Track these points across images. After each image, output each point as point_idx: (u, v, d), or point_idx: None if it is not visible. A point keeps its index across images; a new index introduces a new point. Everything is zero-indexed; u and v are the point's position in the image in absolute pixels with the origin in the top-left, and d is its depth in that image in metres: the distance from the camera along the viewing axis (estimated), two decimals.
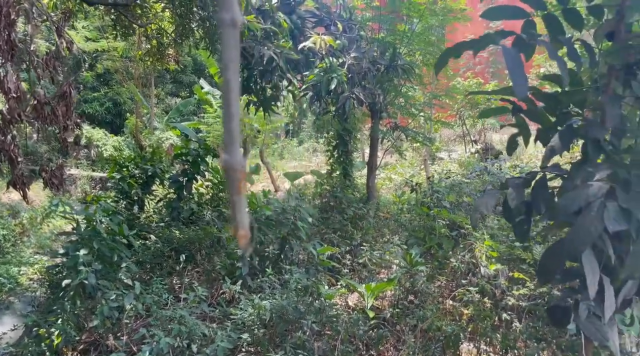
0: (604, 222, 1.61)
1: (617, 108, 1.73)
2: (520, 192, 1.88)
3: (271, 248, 4.73)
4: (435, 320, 3.17)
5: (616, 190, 1.67)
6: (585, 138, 1.81)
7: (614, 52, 1.82)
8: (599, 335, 1.86)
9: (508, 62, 1.52)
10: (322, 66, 4.84)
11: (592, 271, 1.68)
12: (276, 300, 3.60)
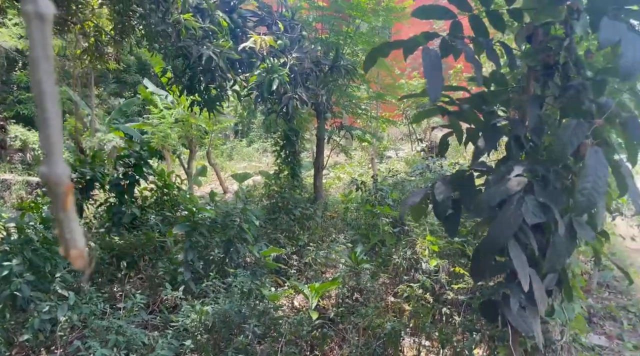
0: (522, 215, 1.68)
1: (536, 108, 1.81)
2: (447, 188, 1.93)
3: (216, 252, 4.64)
4: (374, 318, 3.20)
5: (534, 185, 1.74)
6: (508, 137, 1.87)
7: (531, 54, 1.89)
8: (525, 326, 1.93)
9: (425, 64, 1.55)
10: (263, 66, 4.79)
11: (521, 265, 1.74)
12: (218, 305, 3.53)
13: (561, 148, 1.65)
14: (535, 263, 1.89)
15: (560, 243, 1.81)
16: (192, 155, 11.44)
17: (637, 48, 1.56)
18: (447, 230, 2.06)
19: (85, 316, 3.78)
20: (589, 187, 1.56)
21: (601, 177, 1.58)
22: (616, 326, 3.96)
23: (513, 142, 1.84)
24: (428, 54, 1.61)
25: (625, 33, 1.59)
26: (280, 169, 8.28)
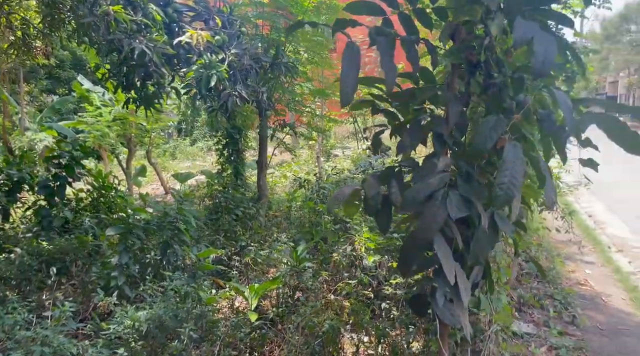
0: (447, 210, 1.71)
1: (457, 105, 1.84)
2: (377, 184, 1.93)
3: (152, 254, 4.47)
4: (312, 316, 3.19)
5: (458, 180, 1.78)
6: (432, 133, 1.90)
7: (454, 52, 1.93)
8: (453, 319, 1.97)
9: (344, 58, 1.55)
10: (201, 62, 4.65)
11: (446, 259, 1.77)
12: (153, 310, 3.39)
13: (481, 144, 1.69)
14: (460, 256, 1.93)
15: (483, 237, 1.86)
16: (131, 154, 11.02)
17: (548, 47, 1.62)
18: (379, 226, 2.07)
19: (8, 328, 3.53)
20: (506, 181, 1.61)
21: (518, 171, 1.63)
22: (544, 314, 4.17)
23: (436, 139, 1.88)
24: (350, 49, 1.61)
25: (537, 32, 1.65)
26: (223, 168, 8.12)
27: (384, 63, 1.70)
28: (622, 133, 1.80)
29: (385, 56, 1.70)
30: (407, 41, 1.81)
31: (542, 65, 1.59)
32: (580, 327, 4.00)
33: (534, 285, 4.70)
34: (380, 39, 1.72)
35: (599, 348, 3.69)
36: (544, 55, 1.59)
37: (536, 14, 1.93)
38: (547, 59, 1.60)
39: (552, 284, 4.74)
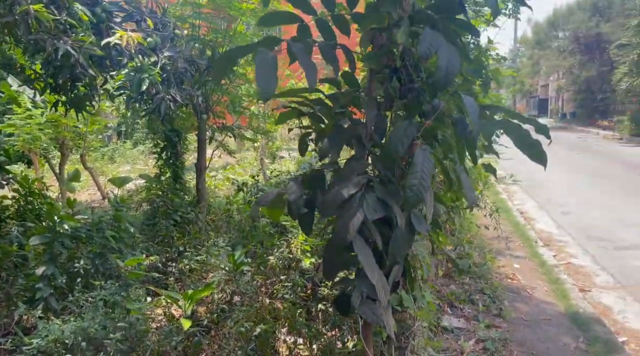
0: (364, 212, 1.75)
1: (375, 109, 1.90)
2: (299, 187, 1.95)
3: (81, 264, 4.27)
4: (243, 322, 3.17)
5: (375, 183, 1.83)
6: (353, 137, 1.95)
7: (372, 57, 1.99)
8: (375, 317, 2.02)
9: (257, 65, 1.55)
10: (132, 65, 4.51)
11: (365, 259, 1.81)
12: (78, 322, 3.25)
13: (393, 147, 1.75)
14: (380, 256, 1.99)
15: (400, 237, 1.92)
16: (64, 159, 10.50)
17: (451, 60, 1.70)
18: (302, 229, 2.09)
19: None
20: (416, 183, 1.68)
21: (427, 173, 1.70)
22: (474, 309, 4.35)
23: (355, 142, 1.92)
24: (262, 57, 1.61)
25: (442, 45, 1.72)
26: (162, 172, 7.91)
27: (302, 63, 1.73)
28: (525, 141, 1.92)
29: (302, 58, 1.72)
30: (324, 47, 1.84)
31: (445, 77, 1.67)
32: (507, 319, 4.21)
33: (467, 281, 4.90)
34: (296, 45, 1.74)
35: (522, 338, 3.91)
36: (446, 69, 1.67)
37: (447, 23, 2.02)
38: (450, 71, 1.68)
39: (483, 279, 4.96)
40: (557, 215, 8.71)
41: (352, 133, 1.93)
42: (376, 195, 1.80)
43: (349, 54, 1.96)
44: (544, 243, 7.02)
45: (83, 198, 12.11)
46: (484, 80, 2.74)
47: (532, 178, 12.73)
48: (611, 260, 6.18)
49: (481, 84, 2.74)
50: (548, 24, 32.82)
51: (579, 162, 15.37)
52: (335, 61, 1.86)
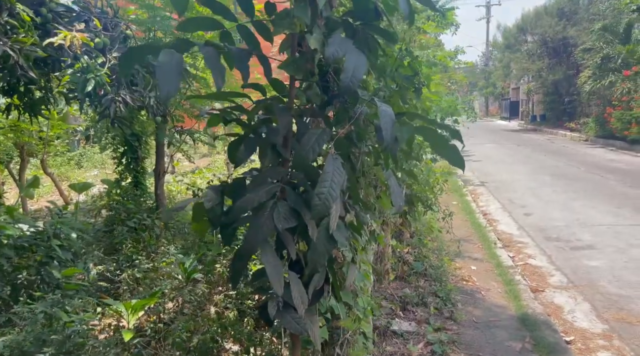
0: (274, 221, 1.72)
1: (288, 116, 1.87)
2: (216, 196, 1.91)
3: (24, 274, 4.14)
4: (180, 333, 3.11)
5: (288, 191, 1.80)
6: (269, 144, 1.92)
7: (290, 63, 1.96)
8: (298, 327, 1.98)
9: (158, 68, 1.51)
10: (79, 66, 4.39)
11: (273, 270, 1.77)
12: (12, 335, 3.14)
13: (305, 155, 1.72)
14: (299, 266, 1.96)
15: (319, 245, 1.89)
16: (24, 164, 10.22)
17: (357, 65, 1.68)
18: (222, 240, 2.04)
19: None
20: (325, 191, 1.65)
21: (336, 182, 1.67)
22: (426, 312, 4.37)
23: (270, 150, 1.89)
24: (165, 57, 1.57)
25: (351, 50, 1.71)
26: (122, 177, 7.76)
27: (210, 66, 1.69)
28: (443, 145, 1.91)
29: (210, 62, 1.68)
30: (236, 53, 1.80)
31: (349, 83, 1.65)
32: (458, 321, 4.24)
33: (421, 284, 4.92)
34: (205, 49, 1.70)
35: (471, 340, 3.93)
36: (351, 73, 1.65)
37: (366, 30, 2.01)
38: (355, 76, 1.66)
39: (438, 281, 4.99)
40: (519, 216, 8.85)
41: (269, 140, 1.90)
42: (289, 204, 1.77)
43: (263, 60, 1.93)
44: (503, 244, 7.13)
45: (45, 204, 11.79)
46: (416, 86, 2.74)
47: (499, 179, 12.97)
48: (566, 260, 6.31)
49: (414, 89, 2.75)
50: (517, 28, 33.47)
51: (544, 163, 15.69)
52: (245, 68, 1.83)
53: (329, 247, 1.94)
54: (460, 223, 8.11)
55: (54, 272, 4.02)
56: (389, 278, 4.75)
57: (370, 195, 2.79)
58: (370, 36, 2.05)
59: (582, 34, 25.41)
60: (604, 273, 5.73)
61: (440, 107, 4.68)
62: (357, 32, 2.03)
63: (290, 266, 2.04)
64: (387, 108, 1.83)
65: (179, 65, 1.62)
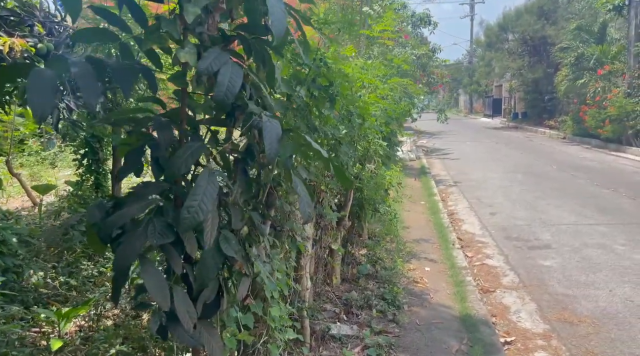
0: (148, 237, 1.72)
1: (168, 129, 1.87)
2: (101, 211, 1.90)
3: None
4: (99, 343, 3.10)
5: (165, 206, 1.81)
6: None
7: (177, 76, 1.96)
8: (193, 341, 1.98)
9: (30, 84, 1.50)
10: None
11: (155, 285, 1.77)
12: None
13: (176, 168, 1.73)
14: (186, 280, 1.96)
15: (208, 259, 1.90)
16: None
17: (233, 78, 1.69)
18: (114, 253, 2.03)
19: None
20: (195, 205, 1.65)
21: (208, 196, 1.68)
22: (370, 315, 4.39)
23: (153, 163, 1.89)
24: (36, 75, 1.56)
25: (226, 63, 1.71)
26: (84, 179, 7.70)
27: (82, 86, 1.68)
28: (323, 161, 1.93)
29: (83, 80, 1.67)
30: (116, 68, 1.80)
31: (224, 95, 1.65)
32: (400, 324, 4.27)
33: (370, 286, 4.94)
34: (79, 65, 1.69)
35: (410, 343, 3.97)
36: (226, 88, 1.66)
37: (259, 44, 2.01)
38: (230, 90, 1.67)
39: (388, 283, 5.02)
40: (484, 215, 8.94)
41: (152, 154, 1.90)
42: (165, 219, 1.77)
43: (147, 75, 1.92)
44: (464, 244, 7.20)
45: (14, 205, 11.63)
46: (330, 96, 2.75)
47: (473, 178, 13.08)
48: (522, 260, 6.39)
49: (329, 99, 2.76)
50: (498, 26, 33.75)
51: (519, 161, 15.86)
52: (127, 83, 1.82)
53: (218, 261, 1.94)
54: (423, 223, 8.18)
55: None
56: (336, 281, 4.77)
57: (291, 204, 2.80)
58: (264, 49, 2.06)
59: (560, 32, 25.70)
60: (554, 273, 5.82)
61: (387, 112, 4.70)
62: (251, 45, 2.04)
63: (183, 278, 2.04)
64: (273, 124, 1.84)
65: (52, 83, 1.61)
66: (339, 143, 3.59)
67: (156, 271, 1.79)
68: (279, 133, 1.84)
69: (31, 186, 9.94)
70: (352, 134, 4.19)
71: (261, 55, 2.05)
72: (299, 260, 3.36)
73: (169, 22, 1.73)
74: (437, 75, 21.53)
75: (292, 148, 1.90)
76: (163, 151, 1.84)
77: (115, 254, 1.74)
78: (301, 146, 1.94)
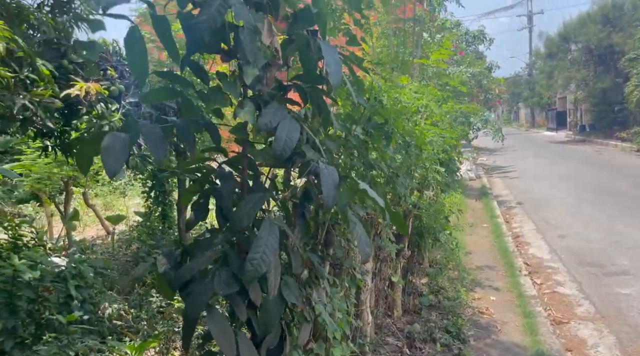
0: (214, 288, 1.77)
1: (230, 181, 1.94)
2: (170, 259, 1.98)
3: (47, 314, 4.38)
4: None
5: (230, 256, 1.86)
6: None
7: (238, 128, 2.04)
8: None
9: (106, 146, 1.62)
10: (94, 113, 4.69)
11: (221, 334, 1.82)
12: None
13: (239, 220, 1.78)
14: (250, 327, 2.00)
15: (271, 306, 1.93)
16: (69, 197, 10.81)
17: (290, 133, 1.73)
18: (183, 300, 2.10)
19: None
20: (257, 257, 1.70)
21: (270, 247, 1.72)
22: (434, 349, 4.26)
23: (217, 213, 1.96)
24: (111, 139, 1.68)
25: (284, 118, 1.77)
26: (151, 210, 8.09)
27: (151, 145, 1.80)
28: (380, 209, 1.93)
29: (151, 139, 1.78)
30: (180, 125, 1.90)
31: (281, 150, 1.70)
32: None
33: (433, 318, 4.80)
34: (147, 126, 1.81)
35: None
36: (284, 142, 1.71)
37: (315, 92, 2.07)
38: (287, 144, 1.72)
39: (451, 315, 4.86)
40: (553, 238, 8.49)
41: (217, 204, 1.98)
42: (231, 269, 1.82)
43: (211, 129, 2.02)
44: (532, 270, 6.86)
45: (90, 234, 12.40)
46: (386, 134, 2.75)
47: (537, 197, 12.47)
48: (597, 288, 5.99)
49: (384, 136, 2.76)
50: (559, 37, 32.44)
51: (588, 177, 14.97)
52: (191, 138, 1.92)
53: (280, 307, 1.97)
54: (487, 248, 7.88)
55: (59, 318, 4.20)
56: (397, 313, 4.68)
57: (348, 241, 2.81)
58: (320, 97, 2.11)
59: (628, 40, 24.32)
60: (634, 302, 5.40)
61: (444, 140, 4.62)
62: (308, 94, 2.10)
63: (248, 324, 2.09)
64: (330, 171, 1.87)
65: (124, 146, 1.73)
66: (396, 176, 3.57)
67: (222, 320, 1.84)
68: (336, 180, 1.86)
69: (105, 217, 10.57)
70: (408, 163, 4.15)
71: (317, 102, 2.11)
72: (358, 295, 3.33)
73: (229, 84, 1.82)
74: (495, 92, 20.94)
75: (348, 196, 1.92)
76: (226, 202, 1.92)
77: (185, 305, 1.81)
78: (357, 192, 1.95)
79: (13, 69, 4.39)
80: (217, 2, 1.63)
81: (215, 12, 1.60)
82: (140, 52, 1.97)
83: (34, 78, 4.53)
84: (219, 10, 1.61)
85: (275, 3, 1.90)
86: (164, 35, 2.00)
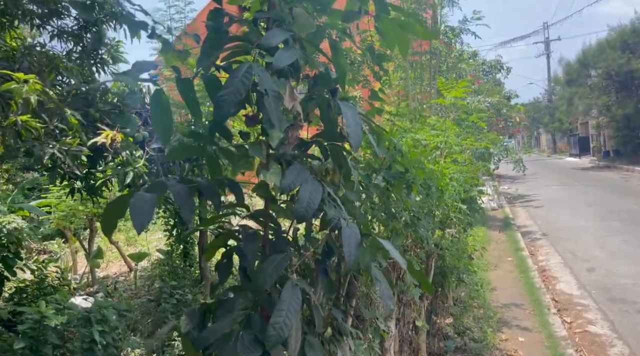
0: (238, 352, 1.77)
1: (254, 242, 1.95)
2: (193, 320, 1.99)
3: None
4: None
5: (253, 319, 1.86)
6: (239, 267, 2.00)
7: (260, 187, 2.07)
8: None
9: (133, 204, 1.66)
10: (119, 160, 4.82)
11: None
12: None
13: (261, 282, 1.79)
14: None
15: None
16: (93, 234, 10.99)
17: (312, 194, 1.75)
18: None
19: None
20: (280, 321, 1.69)
21: (292, 311, 1.71)
22: None
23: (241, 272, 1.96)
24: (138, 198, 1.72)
25: (307, 179, 1.79)
26: (173, 248, 8.15)
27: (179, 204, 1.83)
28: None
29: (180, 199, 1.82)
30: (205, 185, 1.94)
31: (304, 212, 1.72)
32: None
33: None
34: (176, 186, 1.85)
35: None
36: (307, 203, 1.73)
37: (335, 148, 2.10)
38: (309, 205, 1.73)
39: None
40: (581, 272, 8.24)
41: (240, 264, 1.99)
42: (254, 333, 1.81)
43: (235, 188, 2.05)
44: (560, 307, 6.64)
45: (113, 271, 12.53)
46: (407, 182, 2.76)
47: (563, 227, 12.19)
48: (631, 326, 5.76)
49: (405, 185, 2.76)
50: (579, 63, 32.33)
51: (615, 206, 14.60)
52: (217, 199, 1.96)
53: None
54: (513, 283, 7.68)
55: None
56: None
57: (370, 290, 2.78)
58: (341, 154, 2.14)
59: None
60: None
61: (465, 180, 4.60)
62: (329, 151, 2.14)
63: None
64: (352, 230, 1.87)
65: (151, 204, 1.77)
66: (417, 219, 3.54)
67: None
68: (358, 239, 1.86)
69: (127, 254, 10.71)
70: (430, 204, 4.13)
71: (338, 159, 2.13)
72: (382, 344, 3.27)
73: (255, 148, 1.86)
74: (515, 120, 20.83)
75: (370, 255, 1.91)
76: (250, 263, 1.93)
77: None
78: (379, 250, 1.94)
79: (43, 120, 4.57)
80: (241, 73, 1.68)
81: (240, 83, 1.66)
82: (165, 114, 2.04)
83: (62, 128, 4.70)
84: (242, 81, 1.66)
85: (296, 68, 1.95)
86: (188, 97, 2.07)
